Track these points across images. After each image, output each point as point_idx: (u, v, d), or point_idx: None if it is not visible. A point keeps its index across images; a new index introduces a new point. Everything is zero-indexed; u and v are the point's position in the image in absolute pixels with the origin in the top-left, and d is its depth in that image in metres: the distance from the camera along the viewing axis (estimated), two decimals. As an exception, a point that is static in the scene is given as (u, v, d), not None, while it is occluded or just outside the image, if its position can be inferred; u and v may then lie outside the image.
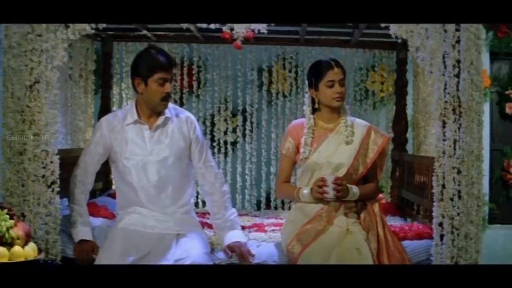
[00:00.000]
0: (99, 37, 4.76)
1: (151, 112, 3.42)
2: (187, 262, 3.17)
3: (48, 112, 3.27)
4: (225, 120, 5.23)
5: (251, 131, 5.18)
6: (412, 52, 3.29)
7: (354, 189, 3.41)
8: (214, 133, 5.22)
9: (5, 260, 2.87)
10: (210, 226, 3.89)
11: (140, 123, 3.40)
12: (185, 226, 3.42)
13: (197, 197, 5.08)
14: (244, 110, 5.17)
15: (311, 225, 3.36)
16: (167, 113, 3.44)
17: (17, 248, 2.93)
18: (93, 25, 3.32)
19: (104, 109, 4.80)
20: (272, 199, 5.16)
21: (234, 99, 5.18)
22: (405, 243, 3.47)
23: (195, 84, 5.20)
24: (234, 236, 3.48)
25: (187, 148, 3.49)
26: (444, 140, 3.26)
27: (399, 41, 3.36)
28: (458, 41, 3.22)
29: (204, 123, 5.23)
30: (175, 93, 5.12)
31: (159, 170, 3.38)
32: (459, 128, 3.25)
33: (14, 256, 2.91)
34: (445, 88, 3.25)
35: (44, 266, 3.06)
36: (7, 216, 2.96)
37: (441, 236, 3.27)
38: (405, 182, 4.49)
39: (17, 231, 2.97)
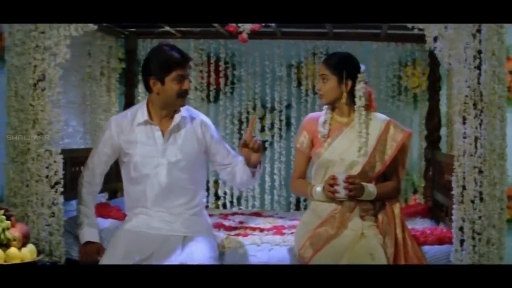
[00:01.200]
0: (123, 34, 4.69)
1: (166, 112, 3.30)
2: (191, 266, 3.04)
3: (51, 111, 3.21)
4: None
5: (280, 129, 5.00)
6: (429, 43, 3.07)
7: (370, 188, 3.20)
8: (241, 132, 5.07)
9: (0, 262, 2.81)
10: (226, 228, 3.78)
11: (150, 123, 3.29)
12: (193, 228, 3.29)
13: (224, 197, 4.97)
14: (273, 108, 5.00)
15: (324, 228, 3.18)
16: (183, 112, 3.32)
17: (13, 250, 2.88)
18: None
19: (128, 107, 4.71)
20: (301, 199, 4.97)
21: (263, 96, 5.02)
22: (426, 248, 3.27)
23: (222, 81, 5.06)
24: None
25: (201, 152, 3.38)
26: (464, 137, 3.03)
27: (416, 31, 3.12)
28: (479, 30, 2.98)
29: (232, 121, 5.09)
30: (201, 90, 5.00)
31: (170, 173, 3.27)
32: (480, 125, 3.00)
33: (9, 257, 2.86)
34: (465, 81, 3.01)
35: (42, 268, 2.98)
36: (4, 217, 2.91)
37: (461, 241, 3.04)
38: (436, 182, 4.23)
39: (14, 232, 2.91)
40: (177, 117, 3.30)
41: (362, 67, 3.28)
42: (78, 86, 4.32)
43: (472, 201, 3.01)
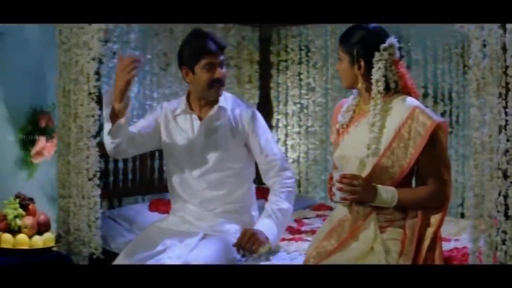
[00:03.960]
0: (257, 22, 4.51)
1: (204, 101, 3.12)
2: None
3: (88, 105, 3.26)
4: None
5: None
6: None
7: (388, 193, 2.50)
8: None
9: (8, 246, 2.98)
10: (291, 231, 3.40)
11: (190, 113, 3.14)
12: (218, 227, 3.05)
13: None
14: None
15: (328, 239, 2.60)
16: (222, 102, 3.10)
17: (21, 236, 3.02)
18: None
19: (263, 99, 4.55)
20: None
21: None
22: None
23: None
24: (259, 224, 2.99)
25: (241, 144, 3.11)
26: (482, 127, 2.17)
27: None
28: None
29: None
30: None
31: (204, 163, 3.07)
32: (505, 109, 2.11)
33: (17, 243, 3.01)
34: (484, 46, 2.16)
35: (51, 257, 3.07)
36: (18, 205, 3.06)
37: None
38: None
39: (26, 220, 3.05)
40: (215, 107, 3.08)
41: (388, 43, 2.56)
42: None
43: (491, 217, 2.13)
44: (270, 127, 4.61)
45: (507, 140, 2.11)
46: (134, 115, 3.94)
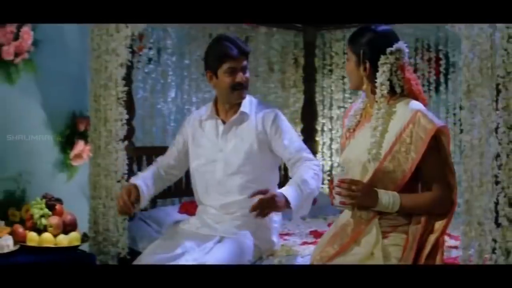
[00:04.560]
0: (300, 26, 4.49)
1: (229, 106, 3.16)
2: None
3: (116, 109, 3.36)
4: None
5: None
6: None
7: (390, 198, 2.44)
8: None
9: (34, 244, 3.11)
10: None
11: (215, 118, 3.18)
12: (234, 230, 3.05)
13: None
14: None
15: (334, 244, 2.57)
16: (244, 107, 3.13)
17: (46, 235, 3.14)
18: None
19: (308, 103, 4.52)
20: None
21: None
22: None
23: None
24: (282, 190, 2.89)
25: (264, 148, 3.09)
26: (472, 130, 2.07)
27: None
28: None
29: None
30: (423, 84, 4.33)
31: (226, 168, 3.10)
32: (496, 111, 2.01)
33: (42, 241, 3.13)
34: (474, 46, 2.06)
35: (75, 255, 3.17)
36: (44, 205, 3.19)
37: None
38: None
39: (52, 220, 3.17)
40: (238, 112, 3.11)
41: (395, 47, 2.49)
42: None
43: (480, 223, 2.03)
44: (315, 131, 4.58)
45: (499, 144, 1.99)
46: (171, 119, 4.02)
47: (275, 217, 3.16)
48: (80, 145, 3.69)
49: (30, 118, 3.64)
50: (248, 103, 3.13)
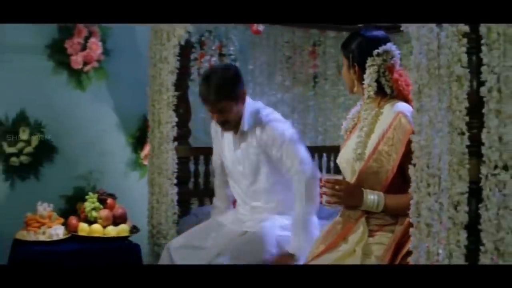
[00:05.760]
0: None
1: None
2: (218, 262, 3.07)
3: (167, 113, 3.65)
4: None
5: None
6: None
7: (375, 198, 2.49)
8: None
9: (84, 234, 3.49)
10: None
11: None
12: (258, 222, 3.22)
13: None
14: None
15: (325, 241, 2.64)
16: (243, 126, 3.20)
17: (96, 226, 3.51)
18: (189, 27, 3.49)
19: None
20: None
21: None
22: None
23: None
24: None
25: (269, 157, 3.20)
26: (422, 130, 2.09)
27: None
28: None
29: None
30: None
31: (245, 177, 3.29)
32: (440, 110, 2.01)
33: (92, 231, 3.50)
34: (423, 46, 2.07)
35: (121, 245, 3.50)
36: (95, 200, 3.56)
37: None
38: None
39: (102, 213, 3.52)
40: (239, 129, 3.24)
41: (381, 49, 2.54)
42: (305, 89, 4.46)
43: (428, 225, 2.04)
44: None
45: (443, 144, 1.98)
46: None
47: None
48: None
49: (102, 121, 4.04)
50: (248, 117, 3.18)
